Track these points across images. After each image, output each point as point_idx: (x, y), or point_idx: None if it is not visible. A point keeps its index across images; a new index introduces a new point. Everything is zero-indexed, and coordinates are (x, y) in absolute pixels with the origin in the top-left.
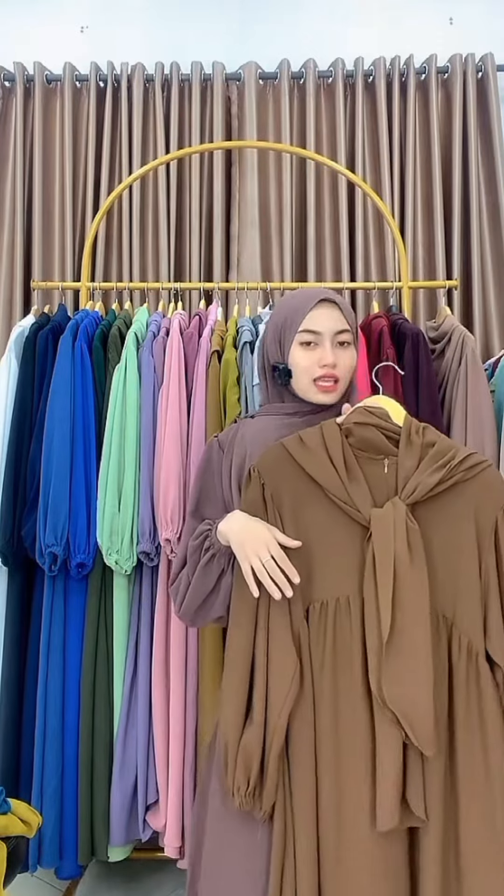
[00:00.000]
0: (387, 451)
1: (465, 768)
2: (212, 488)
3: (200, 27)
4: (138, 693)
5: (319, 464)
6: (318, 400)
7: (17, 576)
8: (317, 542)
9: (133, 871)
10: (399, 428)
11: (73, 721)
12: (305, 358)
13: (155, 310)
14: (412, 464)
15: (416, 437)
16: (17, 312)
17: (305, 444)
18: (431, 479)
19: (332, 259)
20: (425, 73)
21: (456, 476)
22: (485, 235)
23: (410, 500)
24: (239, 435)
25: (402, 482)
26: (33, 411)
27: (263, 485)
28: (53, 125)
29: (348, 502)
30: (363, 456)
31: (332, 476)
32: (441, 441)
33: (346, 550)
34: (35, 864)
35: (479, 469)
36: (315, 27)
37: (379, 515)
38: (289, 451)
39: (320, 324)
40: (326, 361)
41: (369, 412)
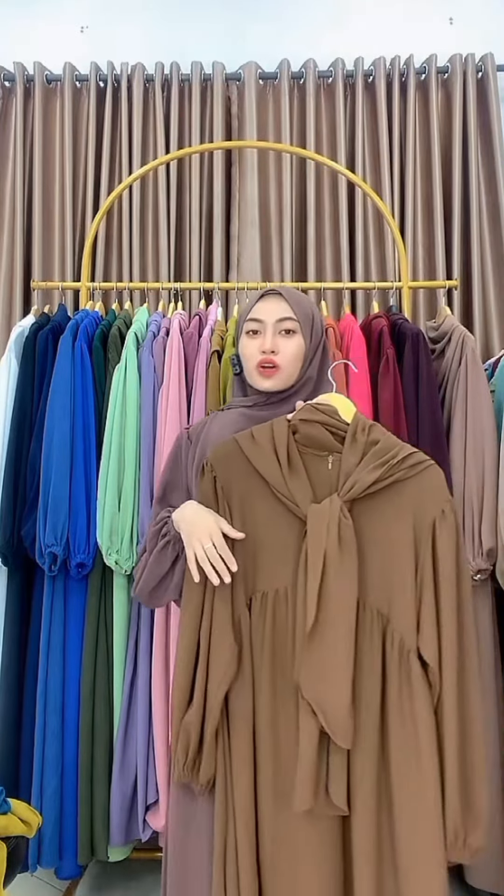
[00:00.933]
0: (331, 448)
1: (397, 759)
2: (178, 478)
3: (200, 27)
4: (138, 693)
5: (265, 459)
6: (260, 386)
7: (17, 576)
8: (261, 535)
9: (133, 871)
10: (346, 425)
11: (73, 721)
12: (249, 346)
13: (155, 310)
14: (354, 461)
15: (362, 434)
16: (17, 312)
17: (255, 439)
18: (370, 476)
19: (332, 259)
20: (425, 73)
21: (396, 474)
22: (485, 235)
23: (348, 497)
24: (207, 427)
25: (342, 479)
26: (33, 411)
27: (215, 477)
28: (53, 125)
29: (289, 497)
30: (308, 452)
31: (276, 471)
32: (385, 439)
33: (286, 543)
34: (35, 864)
35: (421, 468)
36: (315, 27)
37: (315, 511)
38: (240, 445)
39: (262, 313)
40: (264, 347)
41: (316, 409)
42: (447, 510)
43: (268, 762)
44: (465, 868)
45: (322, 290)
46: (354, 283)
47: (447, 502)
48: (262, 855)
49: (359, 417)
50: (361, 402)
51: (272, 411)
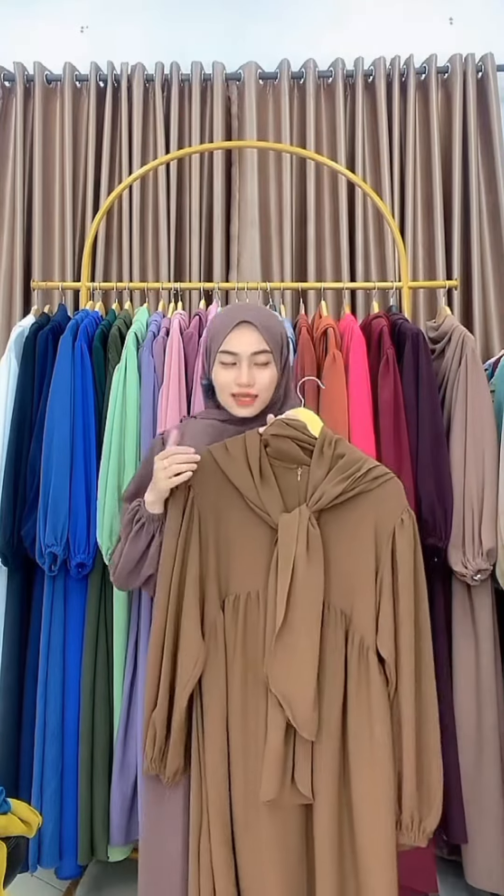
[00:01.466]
0: (300, 461)
1: (355, 749)
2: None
3: (200, 27)
4: (138, 693)
5: (239, 470)
6: (237, 413)
7: (17, 576)
8: (234, 541)
9: (133, 871)
10: (314, 439)
11: (73, 721)
12: (224, 376)
13: (155, 310)
14: (321, 474)
15: (328, 448)
16: (17, 312)
17: (229, 451)
18: (336, 489)
19: (332, 259)
20: (425, 73)
21: (359, 487)
22: (485, 235)
23: (316, 508)
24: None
25: (310, 490)
26: (33, 411)
27: (189, 486)
28: (53, 125)
29: (260, 506)
30: (279, 465)
31: (248, 482)
32: (350, 453)
33: (258, 550)
34: (35, 863)
35: (382, 481)
36: (315, 27)
37: (285, 520)
38: (214, 457)
39: (237, 346)
40: (241, 381)
41: (287, 425)
42: (405, 518)
43: (238, 755)
44: (465, 868)
45: (322, 290)
46: (354, 283)
47: (405, 511)
48: (237, 840)
49: (325, 432)
50: (361, 402)
51: (243, 427)
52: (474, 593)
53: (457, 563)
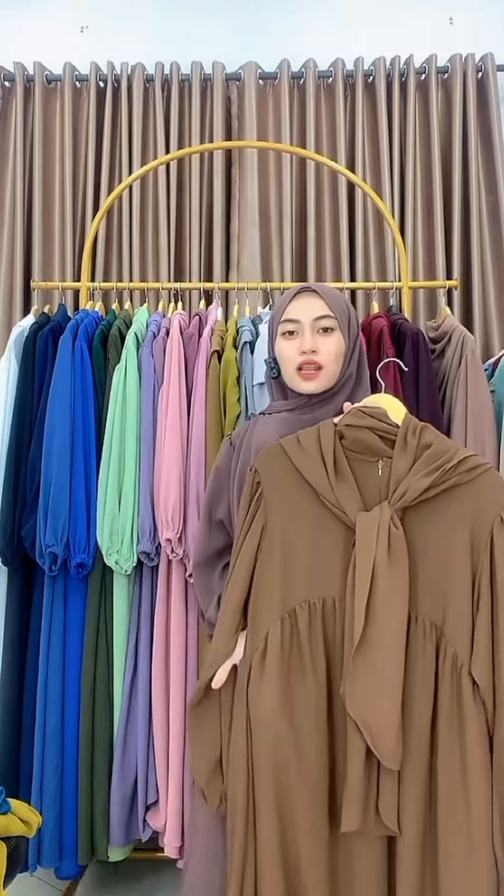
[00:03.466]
0: (381, 453)
1: (444, 781)
2: (222, 487)
3: (200, 27)
4: (138, 693)
5: (311, 464)
6: (302, 388)
7: (17, 576)
8: (307, 543)
9: (133, 871)
10: (396, 428)
11: (73, 721)
12: (287, 348)
13: (155, 310)
14: (405, 466)
15: (413, 437)
16: (17, 312)
17: (301, 444)
18: (422, 482)
19: (332, 259)
20: (425, 73)
21: (451, 479)
22: (485, 235)
23: (399, 505)
24: (248, 433)
25: (393, 485)
26: (33, 411)
27: (258, 483)
28: (53, 125)
29: (336, 504)
30: (357, 457)
31: (322, 477)
32: (439, 442)
33: (334, 552)
34: (35, 863)
35: (478, 472)
36: (315, 27)
37: (364, 519)
38: (285, 450)
39: (299, 313)
40: (304, 348)
41: (364, 413)
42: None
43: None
44: None
45: None
46: (354, 283)
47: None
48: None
49: (409, 419)
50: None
51: (314, 413)
52: None
53: None
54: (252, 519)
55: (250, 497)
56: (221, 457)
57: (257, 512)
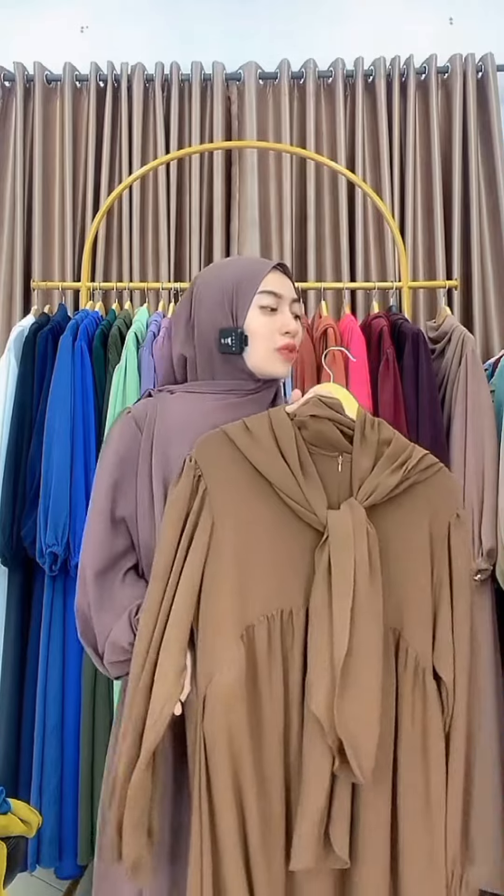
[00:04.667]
0: (341, 448)
1: (406, 795)
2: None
3: (200, 27)
4: None
5: (270, 458)
6: (276, 371)
7: (17, 576)
8: (264, 547)
9: None
10: (352, 422)
11: (73, 720)
12: (266, 324)
13: (155, 310)
14: (368, 463)
15: (372, 433)
16: (17, 312)
17: (252, 433)
18: (390, 480)
19: (332, 259)
20: (425, 73)
21: (412, 477)
22: (485, 235)
23: (368, 503)
24: (160, 414)
25: (357, 482)
26: (33, 411)
27: (199, 477)
28: (53, 125)
29: (303, 504)
30: (316, 452)
31: (286, 474)
32: (396, 439)
33: (294, 557)
34: (34, 863)
35: (434, 471)
36: (315, 27)
37: (336, 520)
38: (232, 440)
39: (280, 287)
40: (289, 328)
41: (324, 403)
42: (461, 513)
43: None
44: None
45: (322, 290)
46: (354, 283)
47: (460, 505)
48: None
49: (363, 413)
50: (361, 402)
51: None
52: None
53: None
54: (196, 521)
55: (190, 493)
56: (125, 441)
57: (201, 512)
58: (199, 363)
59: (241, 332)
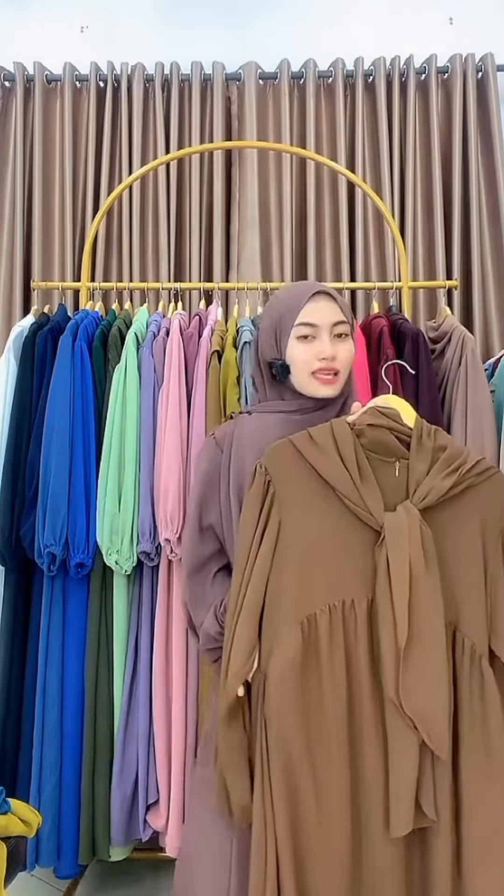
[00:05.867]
0: (398, 454)
1: (468, 770)
2: (212, 493)
3: (200, 27)
4: (139, 693)
5: (331, 464)
6: (319, 394)
7: (16, 576)
8: (326, 544)
9: (133, 870)
10: (410, 430)
11: (72, 720)
12: (304, 351)
13: (155, 310)
14: (424, 467)
15: (428, 440)
16: (17, 312)
17: (316, 442)
18: (444, 483)
19: (332, 259)
20: (425, 73)
21: (467, 481)
22: (485, 235)
23: (423, 505)
24: (237, 433)
25: (413, 486)
26: (33, 411)
27: (269, 482)
28: (53, 125)
29: (361, 506)
30: (374, 458)
31: (345, 477)
32: (452, 445)
33: (354, 554)
34: (34, 863)
35: (489, 475)
36: (315, 27)
37: (392, 520)
38: (298, 448)
39: (317, 317)
40: (325, 354)
41: (381, 413)
42: None
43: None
44: None
45: None
46: (354, 283)
47: None
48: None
49: (421, 422)
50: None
51: (311, 416)
52: None
53: None
54: (266, 520)
55: (262, 496)
56: (209, 460)
57: (271, 512)
58: (267, 387)
59: (282, 364)
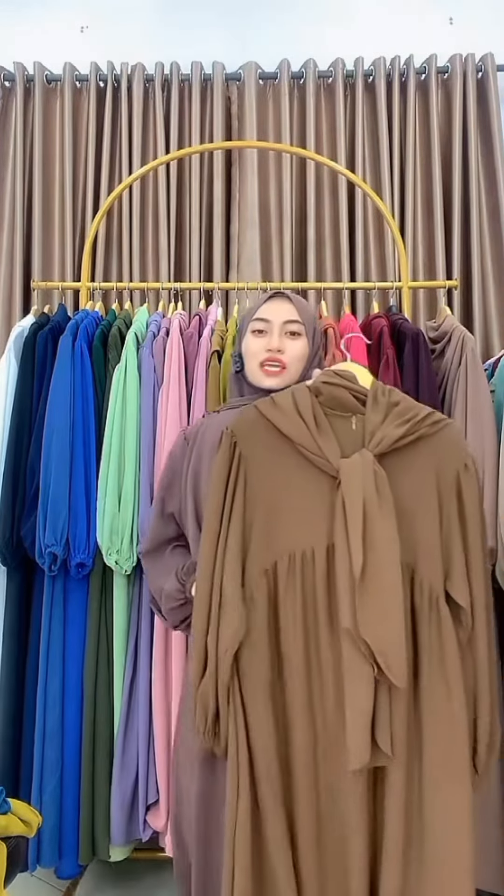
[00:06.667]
0: (354, 409)
1: (427, 702)
2: (175, 482)
3: (200, 27)
4: (138, 693)
5: (290, 420)
6: (264, 384)
7: (16, 576)
8: (288, 498)
9: (133, 870)
10: (366, 390)
11: (73, 721)
12: (254, 343)
13: (155, 310)
14: (378, 419)
15: (382, 396)
16: (17, 312)
17: (277, 403)
18: (396, 431)
19: (332, 259)
20: (425, 73)
21: (419, 430)
22: (485, 235)
23: (377, 451)
24: (203, 429)
25: (368, 436)
26: (33, 411)
27: (235, 443)
28: (53, 125)
29: (318, 454)
30: (332, 413)
31: (303, 430)
32: (405, 400)
33: (316, 501)
34: (34, 863)
35: (441, 425)
36: (315, 27)
37: (347, 464)
38: (261, 411)
39: (270, 314)
40: (271, 346)
41: (337, 374)
42: (469, 463)
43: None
44: None
45: (322, 290)
46: (354, 283)
47: (468, 456)
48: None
49: (377, 383)
50: None
51: None
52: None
53: None
54: (235, 478)
55: (229, 459)
56: (176, 452)
57: (239, 471)
58: (231, 381)
59: (239, 354)
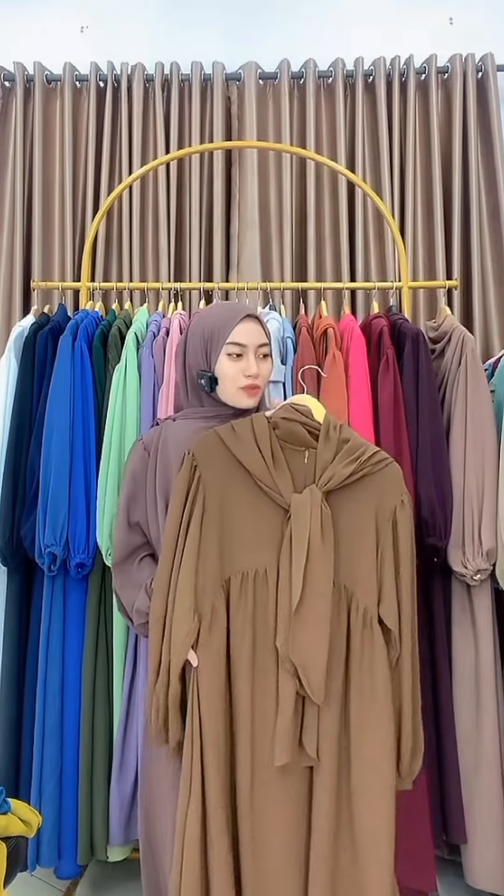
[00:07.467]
0: (308, 444)
1: (357, 713)
2: (138, 492)
3: (200, 27)
4: (138, 693)
5: (249, 452)
6: (242, 405)
7: (16, 576)
8: (241, 521)
9: (133, 870)
10: (319, 424)
11: (72, 721)
12: (232, 368)
13: (155, 310)
14: (329, 456)
15: (334, 432)
16: (17, 312)
17: (237, 433)
18: (345, 470)
19: (332, 259)
20: (425, 73)
21: (365, 469)
22: (485, 235)
23: (326, 488)
24: (162, 438)
25: (319, 472)
26: (33, 411)
27: (195, 466)
28: (53, 125)
29: (273, 487)
30: (287, 447)
31: (260, 464)
32: (354, 438)
33: (266, 529)
34: (34, 863)
35: (384, 465)
36: (315, 27)
37: (298, 500)
38: (221, 438)
39: (245, 338)
40: (251, 372)
41: (295, 409)
42: (405, 500)
43: (246, 726)
44: (464, 868)
45: (322, 290)
46: (354, 283)
47: (405, 494)
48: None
49: (329, 417)
50: (361, 402)
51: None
52: (474, 593)
53: (456, 563)
54: (194, 499)
55: (189, 480)
56: (136, 462)
57: (197, 492)
58: (189, 393)
59: (211, 376)
